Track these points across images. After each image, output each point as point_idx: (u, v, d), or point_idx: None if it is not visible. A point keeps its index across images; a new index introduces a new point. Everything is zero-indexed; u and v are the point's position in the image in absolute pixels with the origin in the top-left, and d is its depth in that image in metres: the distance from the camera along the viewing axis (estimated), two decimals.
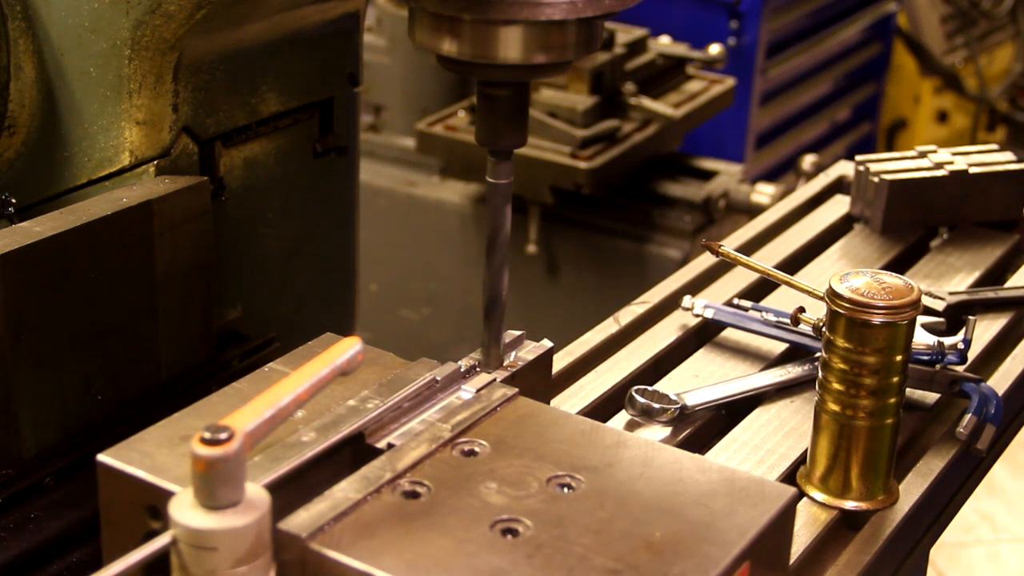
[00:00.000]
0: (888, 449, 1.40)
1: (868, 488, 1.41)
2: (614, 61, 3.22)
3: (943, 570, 3.77)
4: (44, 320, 1.43)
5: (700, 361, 1.68)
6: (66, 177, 1.61)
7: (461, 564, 1.05)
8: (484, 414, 1.24)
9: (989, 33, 5.53)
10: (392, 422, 1.22)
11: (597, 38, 1.31)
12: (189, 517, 0.97)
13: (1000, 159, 2.00)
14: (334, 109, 1.84)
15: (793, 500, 1.17)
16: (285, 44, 1.72)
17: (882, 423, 1.38)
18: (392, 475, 1.14)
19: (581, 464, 1.18)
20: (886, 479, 1.42)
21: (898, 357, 1.36)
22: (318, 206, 1.88)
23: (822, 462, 1.41)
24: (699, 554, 1.07)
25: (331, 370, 1.07)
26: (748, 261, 1.60)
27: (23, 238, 1.41)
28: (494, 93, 1.31)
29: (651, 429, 1.54)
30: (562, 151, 3.10)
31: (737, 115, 3.96)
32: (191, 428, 1.15)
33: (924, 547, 1.52)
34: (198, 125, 1.63)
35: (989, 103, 5.54)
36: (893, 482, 1.44)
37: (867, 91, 5.05)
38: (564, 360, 1.64)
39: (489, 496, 1.13)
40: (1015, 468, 4.14)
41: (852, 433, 1.38)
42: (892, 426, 1.39)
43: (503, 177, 1.35)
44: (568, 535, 1.08)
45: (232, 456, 0.96)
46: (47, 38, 1.57)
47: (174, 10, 1.50)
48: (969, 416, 1.52)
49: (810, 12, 4.48)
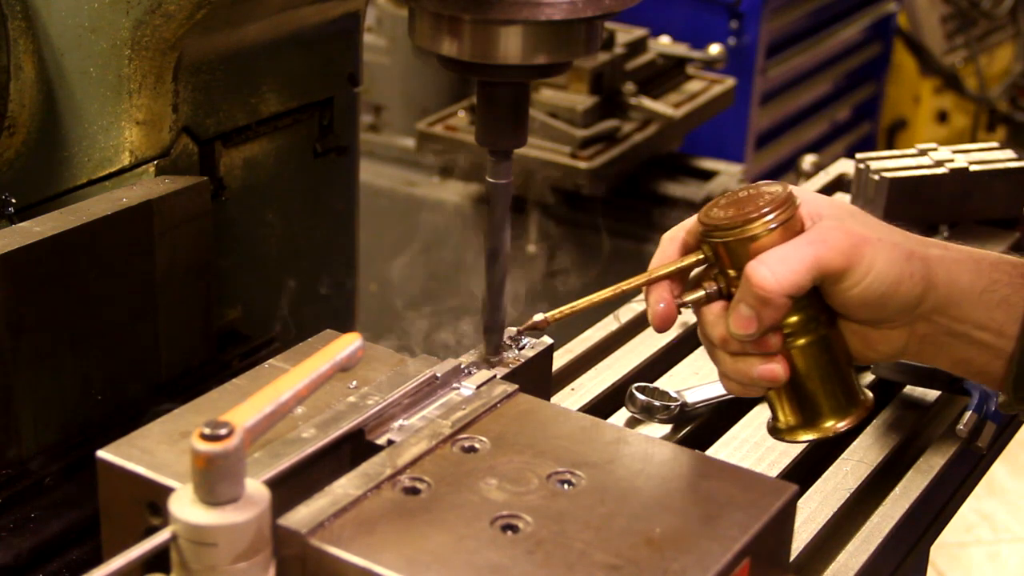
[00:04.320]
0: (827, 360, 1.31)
1: (840, 405, 1.32)
2: (614, 61, 3.22)
3: (943, 570, 3.76)
4: (44, 320, 1.43)
5: (700, 358, 1.68)
6: (66, 177, 1.61)
7: (461, 560, 1.05)
8: (484, 410, 1.24)
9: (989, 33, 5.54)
10: (392, 418, 1.22)
11: (597, 38, 1.31)
12: (189, 513, 0.97)
13: (1001, 157, 2.00)
14: (334, 109, 1.84)
15: (794, 497, 1.17)
16: (285, 44, 1.72)
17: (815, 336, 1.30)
18: (392, 471, 1.14)
19: (581, 460, 1.18)
20: (853, 390, 1.33)
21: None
22: (318, 206, 1.88)
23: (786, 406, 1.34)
24: (699, 550, 1.07)
25: (331, 366, 1.07)
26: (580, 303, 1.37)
27: (23, 238, 1.41)
28: (494, 93, 1.31)
29: (651, 426, 1.54)
30: (562, 151, 3.10)
31: (737, 115, 3.96)
32: (191, 424, 1.15)
33: (924, 545, 1.53)
34: (198, 125, 1.64)
35: (989, 103, 5.55)
36: (863, 390, 1.35)
37: (867, 91, 5.05)
38: (564, 357, 1.64)
39: (489, 492, 1.13)
40: (1015, 468, 4.14)
41: (795, 360, 1.30)
42: (826, 336, 1.30)
43: (503, 177, 1.35)
44: (568, 531, 1.08)
45: (232, 452, 0.96)
46: (47, 38, 1.57)
47: (174, 10, 1.50)
48: (969, 413, 1.52)
49: (810, 12, 4.49)
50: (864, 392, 1.35)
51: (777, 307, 1.24)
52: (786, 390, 1.32)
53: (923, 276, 1.26)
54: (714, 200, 1.31)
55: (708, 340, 1.31)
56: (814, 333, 1.29)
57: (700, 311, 1.31)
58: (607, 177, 3.14)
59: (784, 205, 1.27)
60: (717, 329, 1.29)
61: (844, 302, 1.26)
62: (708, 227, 1.29)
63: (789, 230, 1.26)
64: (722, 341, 1.29)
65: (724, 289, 1.29)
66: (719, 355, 1.31)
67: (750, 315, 1.24)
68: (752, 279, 1.23)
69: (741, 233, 1.26)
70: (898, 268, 1.25)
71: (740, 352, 1.29)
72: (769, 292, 1.23)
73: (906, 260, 1.25)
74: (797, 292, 1.24)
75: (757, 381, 1.29)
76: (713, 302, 1.29)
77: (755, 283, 1.23)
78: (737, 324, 1.25)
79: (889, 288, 1.25)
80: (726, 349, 1.29)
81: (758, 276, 1.23)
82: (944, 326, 1.28)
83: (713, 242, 1.29)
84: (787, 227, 1.26)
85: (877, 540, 1.37)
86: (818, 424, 1.33)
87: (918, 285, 1.25)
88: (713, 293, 1.29)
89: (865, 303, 1.25)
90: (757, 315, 1.24)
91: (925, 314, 1.27)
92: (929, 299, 1.26)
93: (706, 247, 1.30)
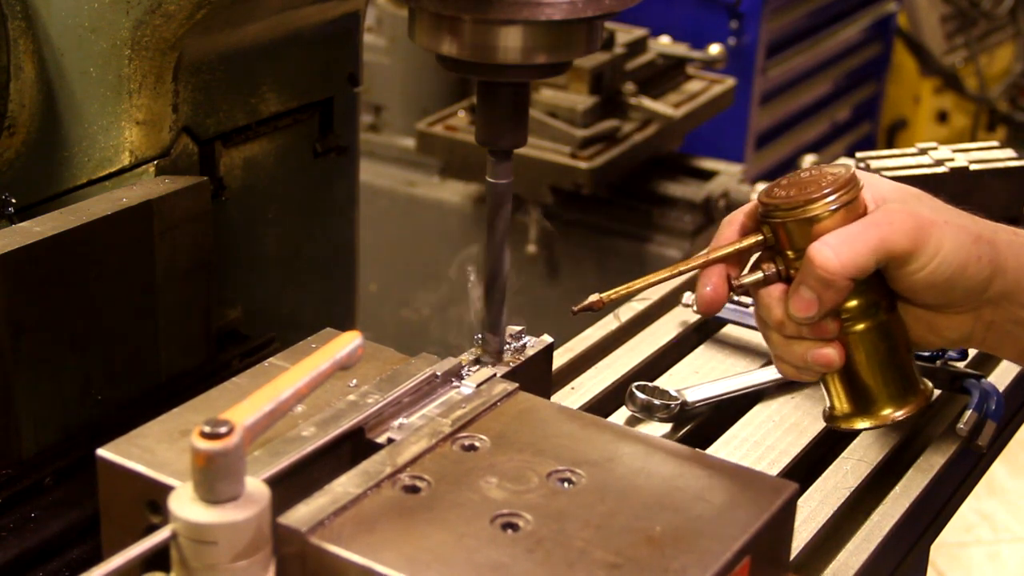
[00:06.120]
0: (887, 347, 1.30)
1: (898, 393, 1.31)
2: (614, 61, 3.23)
3: (943, 570, 3.76)
4: (44, 320, 1.43)
5: (700, 357, 1.69)
6: (66, 177, 1.61)
7: (461, 558, 1.05)
8: (484, 409, 1.24)
9: (989, 33, 5.54)
10: (392, 417, 1.22)
11: (597, 38, 1.31)
12: (189, 511, 0.97)
13: (1001, 156, 2.00)
14: (334, 109, 1.84)
15: (794, 495, 1.17)
16: (285, 44, 1.72)
17: (875, 322, 1.29)
18: (392, 470, 1.14)
19: (581, 459, 1.18)
20: (912, 379, 1.32)
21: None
22: (318, 206, 1.88)
23: (842, 392, 1.32)
24: (700, 549, 1.07)
25: (331, 364, 1.07)
26: (637, 284, 1.36)
27: (23, 238, 1.40)
28: (494, 93, 1.31)
29: (651, 425, 1.54)
30: (562, 151, 3.10)
31: (737, 115, 3.97)
32: (191, 423, 1.14)
33: (924, 544, 1.53)
34: (198, 125, 1.64)
35: (989, 103, 5.55)
36: (923, 380, 1.34)
37: (867, 91, 5.05)
38: (564, 356, 1.64)
39: (489, 491, 1.13)
40: (1015, 468, 4.14)
41: (852, 346, 1.29)
42: (885, 323, 1.29)
43: (503, 177, 1.35)
44: (568, 529, 1.08)
45: (232, 450, 0.96)
46: (47, 38, 1.57)
47: (174, 10, 1.50)
48: (969, 412, 1.51)
49: (810, 12, 4.49)
50: (924, 382, 1.33)
51: (839, 289, 1.21)
52: (842, 377, 1.30)
53: (991, 260, 1.23)
54: (775, 180, 1.30)
55: (764, 323, 1.29)
56: (874, 319, 1.27)
57: (757, 294, 1.29)
58: (607, 177, 3.14)
59: (847, 186, 1.24)
60: (774, 312, 1.26)
61: (910, 285, 1.24)
62: (768, 207, 1.27)
63: (851, 212, 1.24)
64: (778, 324, 1.27)
65: (783, 272, 1.27)
66: (774, 338, 1.28)
67: (811, 297, 1.22)
68: (815, 260, 1.21)
69: (802, 213, 1.24)
70: (965, 251, 1.22)
71: (796, 335, 1.26)
72: (832, 274, 1.20)
73: (974, 243, 1.23)
74: (860, 274, 1.21)
75: (811, 365, 1.27)
76: (771, 284, 1.27)
77: (818, 264, 1.21)
78: (797, 306, 1.23)
79: (956, 271, 1.22)
80: (782, 332, 1.27)
81: (821, 257, 1.21)
82: (1012, 314, 1.25)
83: (773, 223, 1.26)
84: (849, 209, 1.24)
85: (877, 539, 1.37)
86: (875, 412, 1.32)
87: (985, 269, 1.23)
88: (771, 275, 1.27)
89: (931, 286, 1.23)
90: (818, 297, 1.22)
91: (993, 299, 1.25)
92: (996, 284, 1.23)
93: (766, 228, 1.28)
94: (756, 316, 1.32)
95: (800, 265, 1.25)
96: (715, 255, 1.30)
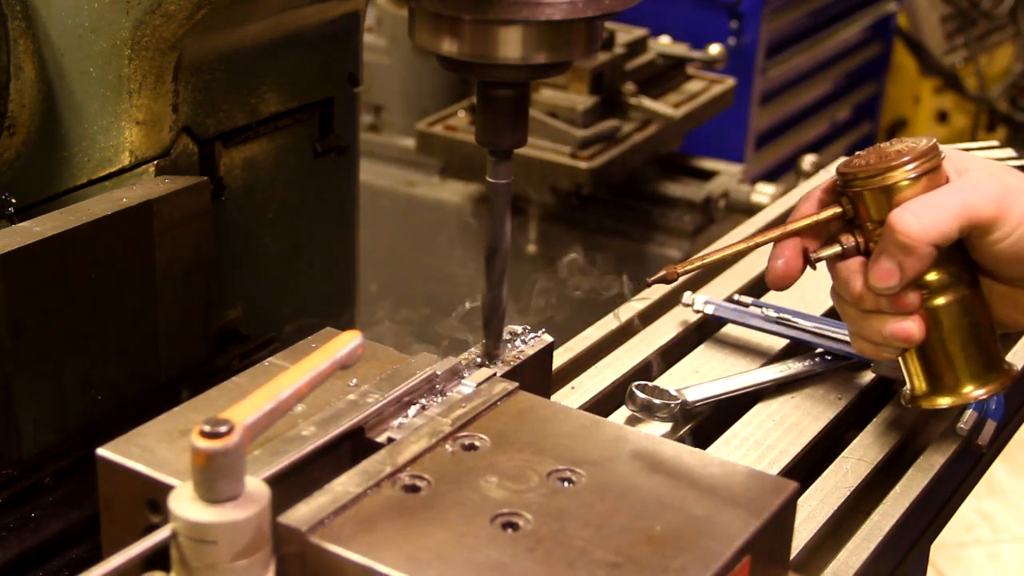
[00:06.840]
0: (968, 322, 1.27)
1: (980, 370, 1.29)
2: (614, 61, 3.23)
3: (943, 570, 3.76)
4: (44, 320, 1.43)
5: (701, 357, 1.69)
6: (66, 177, 1.61)
7: (461, 558, 1.05)
8: (484, 408, 1.24)
9: (989, 33, 5.54)
10: (392, 416, 1.22)
11: (597, 38, 1.31)
12: (189, 511, 0.97)
13: (1001, 156, 2.00)
14: (334, 109, 1.84)
15: (794, 495, 1.17)
16: (285, 44, 1.73)
17: (956, 295, 1.26)
18: (392, 469, 1.14)
19: (581, 458, 1.18)
20: (995, 356, 1.30)
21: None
22: (318, 206, 1.88)
23: (922, 371, 1.30)
24: (700, 548, 1.07)
25: (331, 364, 1.07)
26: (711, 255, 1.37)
27: (23, 238, 1.41)
28: (494, 93, 1.31)
29: (652, 424, 1.54)
30: (562, 151, 3.10)
31: (737, 115, 3.97)
32: (191, 422, 1.15)
33: (924, 543, 1.52)
34: (198, 125, 1.64)
35: (989, 103, 5.55)
36: (1006, 360, 1.31)
37: (867, 91, 5.05)
38: (564, 356, 1.64)
39: (489, 490, 1.13)
40: (1015, 468, 4.14)
41: (932, 320, 1.26)
42: (968, 297, 1.27)
43: (503, 177, 1.35)
44: (568, 529, 1.08)
45: (232, 449, 0.96)
46: (47, 38, 1.57)
47: (174, 10, 1.50)
48: (970, 412, 1.51)
49: (810, 12, 4.49)
50: (1007, 361, 1.30)
51: (921, 257, 1.18)
52: (921, 353, 1.28)
53: None
54: (855, 153, 1.27)
55: (840, 298, 1.26)
56: (955, 292, 1.25)
57: (835, 267, 1.26)
58: (607, 177, 3.14)
59: (928, 155, 1.22)
60: (852, 286, 1.23)
61: (993, 255, 1.20)
62: (847, 176, 1.24)
63: (932, 181, 1.21)
64: (856, 298, 1.23)
65: (861, 245, 1.25)
66: (851, 313, 1.25)
67: (892, 266, 1.19)
68: (896, 226, 1.18)
69: (882, 181, 1.22)
70: None
71: (874, 309, 1.23)
72: (914, 240, 1.17)
73: None
74: (944, 241, 1.18)
75: (890, 340, 1.24)
76: (849, 258, 1.24)
77: (899, 230, 1.18)
78: (877, 276, 1.20)
79: None
80: (860, 306, 1.24)
81: (903, 223, 1.18)
82: None
83: (852, 192, 1.24)
84: (930, 178, 1.21)
85: (877, 538, 1.37)
86: (957, 390, 1.30)
87: None
88: (850, 248, 1.25)
89: (1016, 258, 1.19)
90: (899, 266, 1.19)
91: None
92: None
93: (844, 200, 1.26)
94: (832, 292, 1.28)
95: (879, 237, 1.21)
96: (792, 227, 1.27)
